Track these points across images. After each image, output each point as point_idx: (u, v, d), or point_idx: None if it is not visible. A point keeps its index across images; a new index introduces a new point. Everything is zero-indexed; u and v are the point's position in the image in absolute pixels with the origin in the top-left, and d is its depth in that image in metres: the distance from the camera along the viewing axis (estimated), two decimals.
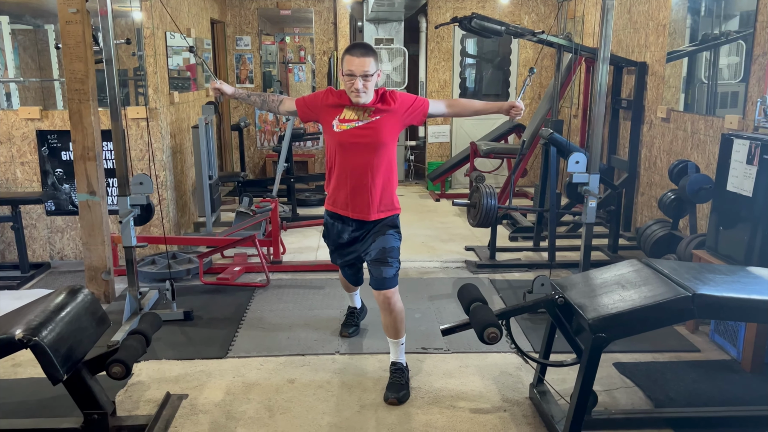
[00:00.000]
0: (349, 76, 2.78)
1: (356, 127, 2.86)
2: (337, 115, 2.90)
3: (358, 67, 2.75)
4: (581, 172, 3.61)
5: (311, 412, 2.80)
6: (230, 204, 6.83)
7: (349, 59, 2.78)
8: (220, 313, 3.89)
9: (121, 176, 3.62)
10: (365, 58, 2.76)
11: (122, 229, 3.64)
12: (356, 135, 2.86)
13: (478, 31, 5.27)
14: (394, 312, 2.94)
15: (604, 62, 3.45)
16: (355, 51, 2.78)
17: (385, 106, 2.89)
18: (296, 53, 8.27)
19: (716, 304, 2.38)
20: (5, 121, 4.60)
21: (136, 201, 3.66)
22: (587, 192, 3.60)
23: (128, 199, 3.63)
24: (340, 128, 2.88)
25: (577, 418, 2.44)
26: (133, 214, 3.66)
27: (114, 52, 3.52)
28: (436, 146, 7.93)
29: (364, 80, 2.77)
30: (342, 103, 2.91)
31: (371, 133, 2.86)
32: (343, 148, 2.90)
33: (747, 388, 2.98)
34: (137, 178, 3.63)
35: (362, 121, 2.87)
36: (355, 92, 2.80)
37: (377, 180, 2.91)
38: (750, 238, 3.23)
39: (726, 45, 4.29)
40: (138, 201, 3.66)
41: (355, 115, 2.88)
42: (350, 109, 2.89)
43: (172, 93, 5.23)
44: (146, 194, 3.66)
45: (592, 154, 3.59)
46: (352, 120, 2.87)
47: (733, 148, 3.37)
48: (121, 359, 2.47)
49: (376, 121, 2.87)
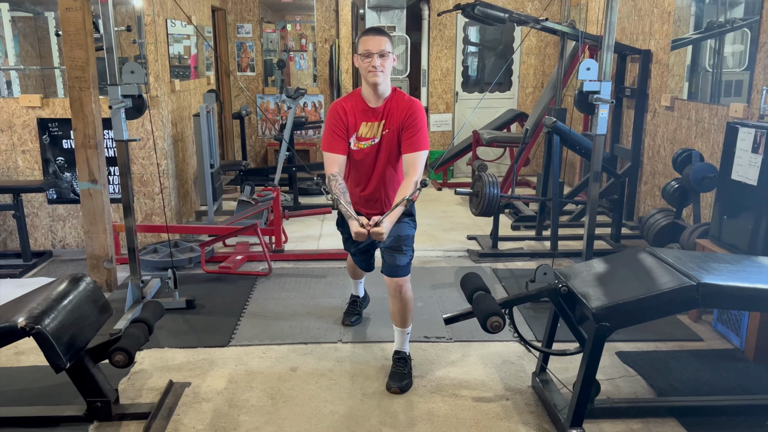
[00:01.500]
0: (365, 56, 2.75)
1: (371, 145, 2.89)
2: (355, 132, 2.89)
3: (375, 45, 2.74)
4: (592, 80, 3.46)
5: (314, 400, 2.80)
6: (232, 193, 6.82)
7: (365, 39, 2.77)
8: (222, 301, 3.89)
9: (122, 164, 3.59)
10: (382, 37, 2.76)
11: (113, 118, 3.44)
12: (372, 153, 2.90)
13: (481, 18, 5.23)
14: (404, 300, 2.94)
15: (608, 50, 3.42)
16: (371, 32, 2.79)
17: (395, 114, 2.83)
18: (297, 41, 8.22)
19: (720, 293, 2.38)
20: (6, 109, 4.58)
21: (127, 91, 3.49)
22: (599, 99, 3.43)
23: (119, 89, 3.45)
24: (357, 146, 2.90)
25: (579, 406, 2.45)
26: (124, 104, 3.48)
27: (114, 40, 3.49)
28: (438, 135, 7.90)
29: (381, 59, 2.74)
30: (357, 113, 2.86)
31: (383, 148, 2.89)
32: (359, 165, 2.94)
33: (750, 377, 2.98)
34: (128, 66, 3.42)
35: (377, 138, 2.88)
36: (373, 70, 2.75)
37: (391, 186, 2.97)
38: (754, 227, 3.21)
39: (731, 32, 4.25)
40: (129, 91, 3.50)
41: (370, 132, 2.88)
42: (366, 127, 2.88)
43: (173, 81, 5.20)
44: (138, 83, 3.48)
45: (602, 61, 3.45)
46: (367, 138, 2.89)
47: (738, 137, 3.35)
48: (123, 347, 2.47)
49: (387, 134, 2.87)
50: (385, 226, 2.60)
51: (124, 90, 3.51)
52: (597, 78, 3.46)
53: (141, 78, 3.46)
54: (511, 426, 2.61)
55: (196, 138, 5.47)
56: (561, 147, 4.80)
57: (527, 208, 5.80)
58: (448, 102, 7.86)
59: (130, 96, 3.53)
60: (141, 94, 3.57)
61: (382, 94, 2.83)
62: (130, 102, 3.54)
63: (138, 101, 3.58)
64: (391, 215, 2.65)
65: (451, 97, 7.85)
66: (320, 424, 2.62)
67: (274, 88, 7.93)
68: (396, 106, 2.85)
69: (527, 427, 2.60)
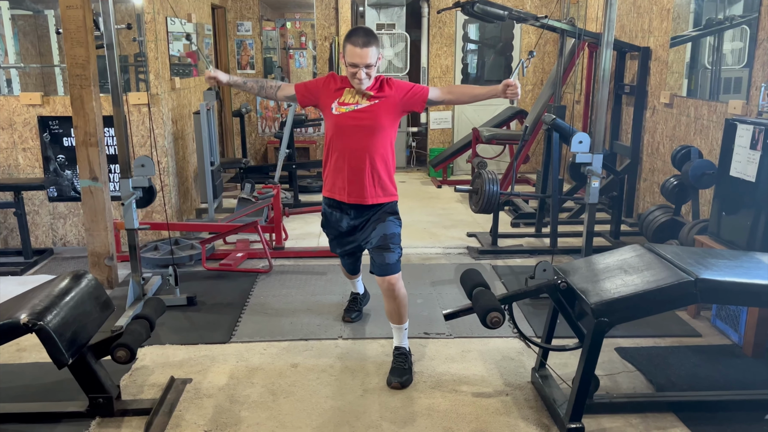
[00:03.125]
0: (352, 66, 2.80)
1: (355, 110, 2.89)
2: (337, 98, 2.92)
3: (361, 59, 2.77)
4: (584, 152, 3.56)
5: (314, 396, 2.82)
6: (232, 190, 6.83)
7: (352, 50, 2.78)
8: (223, 298, 3.91)
9: (123, 161, 3.61)
10: (367, 49, 2.77)
11: (125, 211, 3.64)
12: (354, 117, 2.88)
13: (481, 16, 5.23)
14: (397, 298, 2.95)
15: (608, 47, 3.43)
16: (357, 40, 2.77)
17: (383, 93, 2.91)
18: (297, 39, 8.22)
19: (719, 288, 2.39)
20: (6, 107, 4.59)
21: (138, 183, 3.64)
22: (590, 172, 3.55)
23: (130, 182, 3.62)
24: (338, 111, 2.90)
25: (578, 401, 2.46)
26: (135, 196, 3.64)
27: (115, 37, 3.50)
28: (438, 132, 7.91)
29: (367, 69, 2.81)
30: (343, 86, 2.94)
31: (369, 116, 2.88)
32: (341, 130, 2.91)
33: (748, 373, 2.99)
34: (139, 161, 3.61)
35: (361, 104, 2.89)
36: (358, 81, 2.84)
37: (375, 163, 2.92)
38: (753, 223, 3.23)
39: (730, 30, 4.26)
40: (140, 183, 3.64)
41: (354, 98, 2.91)
42: (349, 93, 2.91)
43: (173, 79, 5.21)
44: (148, 176, 3.64)
45: (595, 136, 3.56)
46: (350, 103, 2.90)
47: (737, 134, 3.36)
48: (125, 344, 2.48)
49: (374, 104, 2.88)
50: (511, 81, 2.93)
51: (135, 182, 3.63)
52: (589, 151, 3.56)
53: (151, 171, 3.62)
54: (510, 421, 2.63)
55: (197, 136, 5.48)
56: (560, 144, 4.81)
57: (527, 205, 5.82)
58: None
59: (140, 187, 3.67)
60: (151, 186, 3.72)
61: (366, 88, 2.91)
62: (141, 192, 3.68)
63: (148, 193, 3.74)
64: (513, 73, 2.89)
65: None
66: (321, 419, 2.64)
67: None
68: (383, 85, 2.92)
69: (527, 422, 2.62)
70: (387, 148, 2.95)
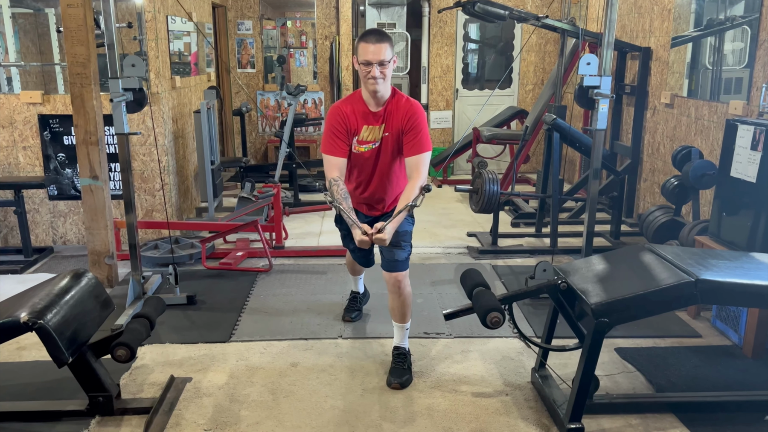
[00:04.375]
0: (365, 64, 2.73)
1: (372, 149, 2.89)
2: (356, 136, 2.88)
3: (375, 55, 2.71)
4: (593, 75, 3.45)
5: (314, 395, 2.82)
6: (232, 189, 6.82)
7: (365, 47, 2.73)
8: (223, 297, 3.91)
9: (123, 159, 3.60)
10: (381, 45, 2.71)
11: (114, 112, 3.44)
12: (373, 155, 2.91)
13: (482, 15, 5.23)
14: (402, 295, 2.95)
15: (608, 47, 3.43)
16: (370, 38, 2.73)
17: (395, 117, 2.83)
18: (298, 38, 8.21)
19: (719, 289, 2.39)
20: (7, 105, 4.59)
21: (128, 84, 3.48)
22: (599, 95, 3.43)
23: (120, 82, 3.45)
24: (358, 149, 2.90)
25: (578, 402, 2.46)
26: (125, 97, 3.48)
27: (115, 36, 3.50)
28: (438, 132, 7.91)
29: (381, 67, 2.73)
30: (356, 119, 2.85)
31: (384, 151, 2.90)
32: (361, 166, 2.95)
33: (748, 374, 2.99)
34: (129, 60, 3.42)
35: (378, 141, 2.88)
36: (372, 80, 2.74)
37: (393, 184, 2.99)
38: (753, 223, 3.22)
39: (731, 30, 4.26)
40: (130, 84, 3.49)
41: (371, 135, 2.87)
42: (367, 130, 2.87)
43: (173, 77, 5.21)
44: (139, 77, 3.47)
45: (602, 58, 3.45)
46: (368, 142, 2.88)
47: (738, 134, 3.36)
48: (125, 342, 2.48)
49: (388, 137, 2.87)
50: (388, 232, 2.63)
51: (125, 83, 3.51)
52: (597, 73, 3.46)
53: (142, 71, 3.46)
54: (510, 421, 2.63)
55: (197, 134, 5.48)
56: (561, 144, 4.81)
57: (527, 205, 5.81)
58: (448, 99, 7.86)
59: (131, 89, 3.53)
60: (142, 88, 3.56)
61: (382, 97, 2.83)
62: (131, 95, 3.54)
63: (139, 95, 3.58)
64: (394, 221, 2.68)
65: (451, 95, 7.85)
66: (320, 419, 2.64)
67: (275, 85, 7.93)
68: (395, 109, 2.84)
69: (526, 423, 2.61)
70: (401, 165, 2.97)
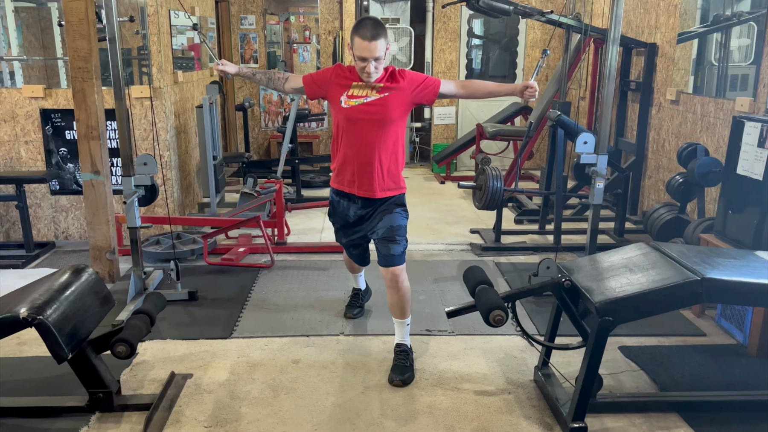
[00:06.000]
0: (361, 60, 2.76)
1: (364, 103, 2.85)
2: (345, 91, 2.88)
3: (370, 52, 2.73)
4: (589, 153, 3.57)
5: (315, 392, 2.80)
6: (235, 185, 6.81)
7: (360, 43, 2.73)
8: (224, 293, 3.89)
9: (125, 156, 3.60)
10: (376, 42, 2.72)
11: (126, 210, 3.63)
12: (364, 111, 2.86)
13: (486, 10, 5.19)
14: (400, 290, 2.94)
15: (614, 43, 3.40)
16: (365, 33, 2.72)
17: (394, 84, 2.88)
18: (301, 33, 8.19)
19: (725, 288, 2.36)
20: (9, 99, 4.57)
21: (140, 181, 3.65)
22: (595, 173, 3.56)
23: (132, 180, 3.62)
24: (348, 104, 2.87)
25: (582, 400, 2.44)
26: (137, 194, 3.65)
27: (117, 30, 3.48)
28: (441, 128, 7.88)
29: (376, 62, 2.77)
30: (351, 78, 2.90)
31: (379, 109, 2.85)
32: (351, 124, 2.89)
33: (753, 373, 2.97)
34: (141, 158, 3.61)
35: (370, 97, 2.86)
36: (367, 74, 2.80)
37: (384, 157, 2.91)
38: (759, 222, 3.20)
39: (737, 26, 4.22)
40: (142, 181, 3.65)
41: (364, 91, 2.87)
42: (358, 86, 2.88)
43: (176, 72, 5.19)
44: (150, 174, 3.65)
45: (600, 135, 3.55)
46: (360, 96, 2.86)
47: (744, 131, 3.33)
48: (125, 338, 2.47)
49: (384, 97, 2.85)
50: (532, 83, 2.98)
51: (137, 180, 3.63)
52: (594, 151, 3.55)
53: (154, 169, 3.62)
54: (513, 420, 2.61)
55: (199, 130, 5.46)
56: (565, 140, 4.78)
57: (530, 201, 5.79)
58: None
59: (143, 186, 3.66)
60: (154, 184, 3.71)
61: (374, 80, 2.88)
62: (143, 191, 3.68)
63: (150, 191, 3.72)
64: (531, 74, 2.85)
65: None
66: (321, 416, 2.62)
67: None
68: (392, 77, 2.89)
69: (529, 421, 2.60)
70: (397, 141, 2.94)
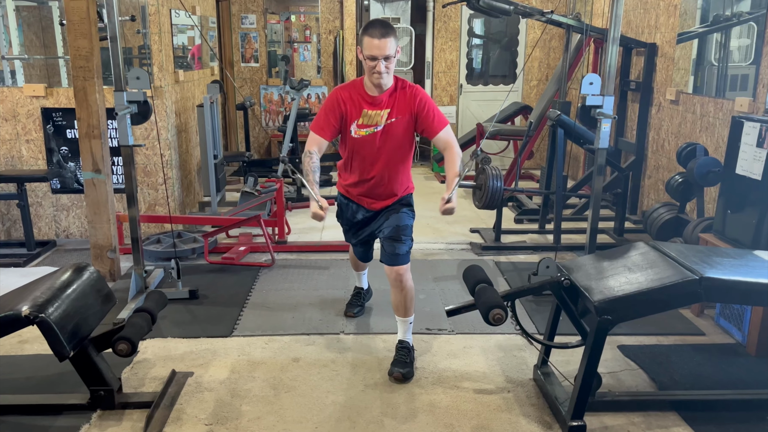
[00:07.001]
0: (371, 59, 2.75)
1: (374, 133, 2.87)
2: (356, 120, 2.87)
3: (380, 50, 2.72)
4: (595, 94, 3.46)
5: (316, 390, 2.81)
6: (235, 184, 6.82)
7: (370, 42, 2.72)
8: (225, 292, 3.90)
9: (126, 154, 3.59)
10: (386, 40, 2.71)
11: (118, 124, 3.48)
12: (374, 141, 2.89)
13: (486, 10, 5.20)
14: (405, 289, 2.95)
15: (614, 43, 3.40)
16: (375, 32, 2.72)
17: (402, 104, 2.85)
18: (302, 32, 8.19)
19: (723, 287, 2.37)
20: (10, 98, 4.58)
21: (133, 97, 3.50)
22: (601, 114, 3.44)
23: (125, 94, 3.47)
24: (358, 134, 2.89)
25: (581, 399, 2.45)
26: (130, 110, 3.49)
27: (118, 29, 3.49)
28: None
29: (386, 62, 2.76)
30: (357, 101, 2.86)
31: (389, 137, 2.88)
32: (362, 152, 2.93)
33: (751, 372, 2.98)
34: (134, 72, 3.44)
35: (380, 126, 2.86)
36: (377, 74, 2.78)
37: (394, 176, 2.97)
38: (758, 221, 3.21)
39: (737, 26, 4.22)
40: (135, 97, 3.51)
41: (372, 120, 2.87)
42: (367, 115, 2.87)
43: (177, 71, 5.19)
44: (143, 90, 3.49)
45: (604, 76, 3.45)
46: (369, 126, 2.87)
47: (744, 131, 3.34)
48: (126, 337, 2.48)
49: (392, 123, 2.86)
50: (454, 201, 2.70)
51: (129, 96, 3.54)
52: (600, 93, 3.48)
53: (146, 84, 3.48)
54: (512, 418, 2.62)
55: (200, 129, 5.47)
56: (565, 140, 4.79)
57: (530, 201, 5.80)
58: (452, 94, 7.84)
59: (136, 102, 3.56)
60: (146, 100, 3.59)
61: (385, 86, 2.85)
62: (136, 108, 3.58)
63: (143, 107, 3.61)
64: (451, 187, 2.73)
65: (456, 90, 7.83)
66: (322, 414, 2.63)
67: (278, 80, 7.91)
68: (402, 96, 2.87)
69: (528, 420, 2.61)
70: (406, 153, 2.97)
